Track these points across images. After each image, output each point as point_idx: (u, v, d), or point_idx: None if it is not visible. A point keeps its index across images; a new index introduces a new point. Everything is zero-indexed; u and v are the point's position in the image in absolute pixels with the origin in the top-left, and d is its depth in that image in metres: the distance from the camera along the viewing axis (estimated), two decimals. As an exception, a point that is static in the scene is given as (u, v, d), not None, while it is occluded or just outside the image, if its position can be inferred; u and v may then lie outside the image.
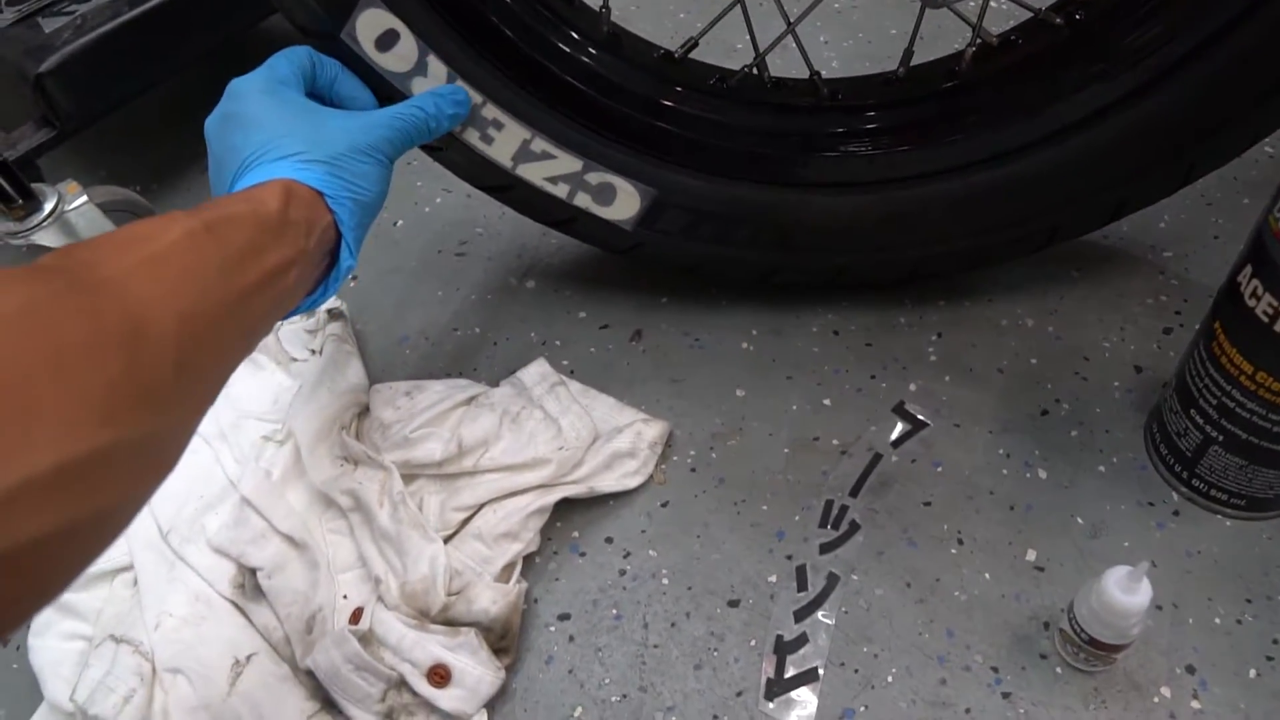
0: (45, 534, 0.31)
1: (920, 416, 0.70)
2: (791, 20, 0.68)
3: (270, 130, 0.54)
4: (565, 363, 0.74)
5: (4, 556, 0.29)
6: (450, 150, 0.66)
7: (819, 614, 0.61)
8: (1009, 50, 0.68)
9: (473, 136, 0.65)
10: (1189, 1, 0.60)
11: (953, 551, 0.63)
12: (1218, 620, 0.59)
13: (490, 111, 0.64)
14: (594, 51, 0.68)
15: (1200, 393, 0.60)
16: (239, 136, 0.54)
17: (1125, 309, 0.76)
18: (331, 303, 0.78)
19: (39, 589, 0.33)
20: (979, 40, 0.68)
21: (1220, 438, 0.60)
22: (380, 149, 0.57)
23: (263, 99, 0.55)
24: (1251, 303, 0.55)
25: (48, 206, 0.76)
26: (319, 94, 0.61)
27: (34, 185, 0.76)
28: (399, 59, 0.62)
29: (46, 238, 0.76)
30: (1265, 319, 0.54)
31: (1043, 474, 0.67)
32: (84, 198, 0.77)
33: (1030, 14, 0.67)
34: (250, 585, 0.62)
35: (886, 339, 0.75)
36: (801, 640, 0.60)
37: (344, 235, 0.54)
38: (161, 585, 0.63)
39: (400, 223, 0.88)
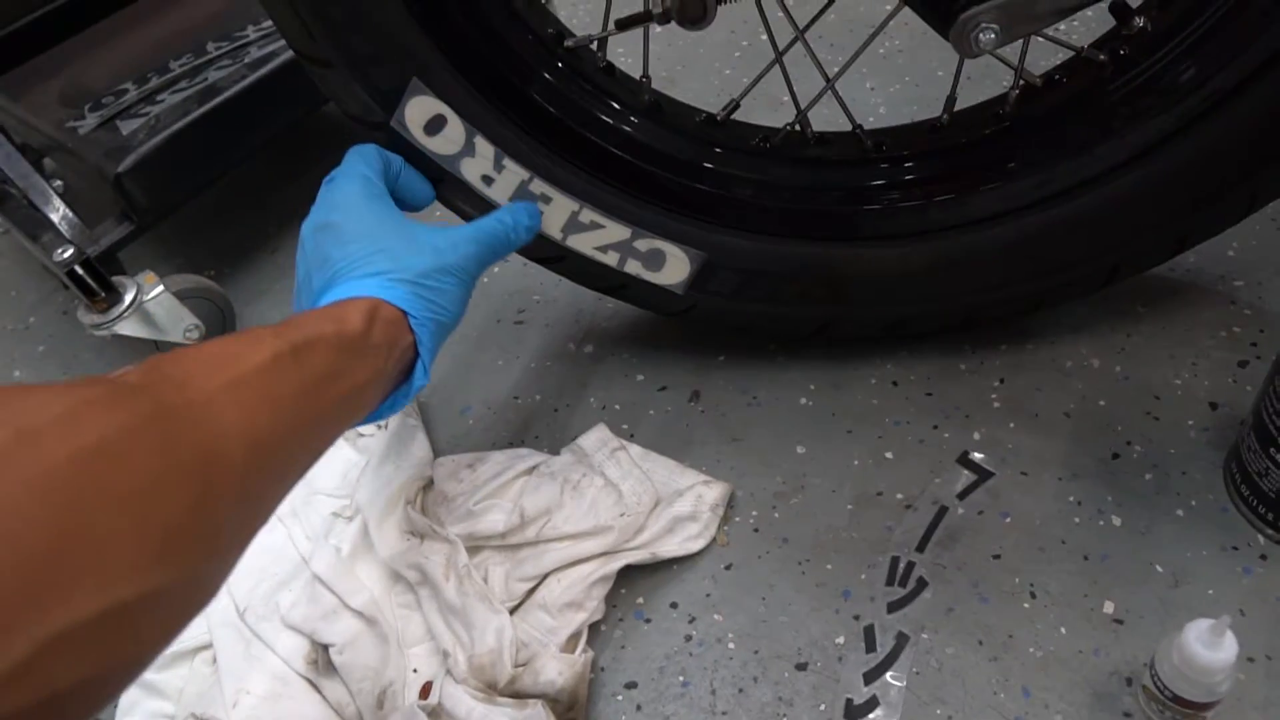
0: (81, 682, 0.30)
1: (986, 466, 0.68)
2: (830, 77, 0.68)
3: (363, 244, 0.55)
4: (625, 426, 0.75)
5: (35, 706, 0.28)
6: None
7: (889, 675, 0.60)
8: (1054, 89, 0.68)
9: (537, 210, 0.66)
10: (1234, 31, 0.59)
11: (1025, 605, 0.61)
12: (1315, 671, 0.57)
13: (538, 186, 0.65)
14: (636, 120, 0.69)
15: (1279, 430, 0.58)
16: (333, 247, 0.56)
17: (1196, 343, 0.73)
18: (395, 377, 0.80)
19: None
20: (1022, 81, 0.67)
21: (1304, 478, 0.58)
22: (465, 268, 0.58)
23: (358, 212, 0.57)
24: (1325, 338, 0.53)
25: (128, 298, 0.79)
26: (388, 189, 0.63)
27: (114, 278, 0.80)
28: (447, 142, 0.64)
29: (127, 328, 0.80)
30: (1341, 355, 0.52)
31: (1117, 521, 0.65)
32: (160, 287, 0.81)
33: (1073, 52, 0.66)
34: (324, 661, 0.64)
35: (948, 387, 0.74)
36: (872, 704, 0.59)
37: (421, 355, 0.55)
38: (239, 663, 0.64)
39: (460, 293, 0.90)
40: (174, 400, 0.37)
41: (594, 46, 0.69)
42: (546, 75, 0.67)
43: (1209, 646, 0.50)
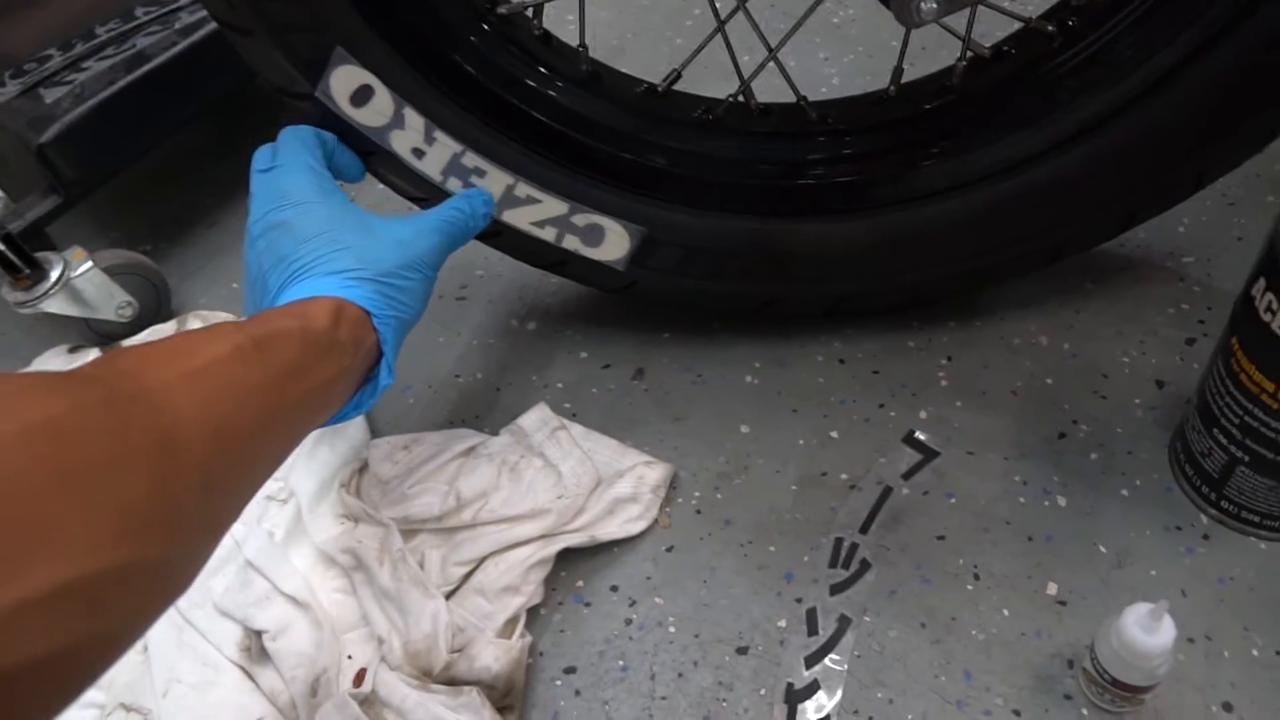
0: (40, 657, 0.29)
1: (931, 445, 0.67)
2: (772, 46, 0.66)
3: (321, 241, 0.54)
4: (567, 405, 0.73)
5: (4, 674, 0.28)
6: (435, 199, 0.65)
7: (830, 659, 0.59)
8: (1002, 61, 0.66)
9: (455, 185, 0.64)
10: (1181, 5, 0.58)
11: (969, 587, 0.61)
12: (1255, 652, 0.56)
13: (471, 160, 0.63)
14: (574, 91, 0.67)
15: (1222, 412, 0.58)
16: (289, 245, 0.54)
17: (1145, 320, 0.73)
18: (333, 355, 0.78)
19: (31, 713, 0.31)
20: (970, 53, 0.66)
21: (1246, 458, 0.57)
22: (428, 262, 0.57)
23: (312, 206, 0.55)
24: (1267, 317, 0.52)
25: (54, 274, 0.77)
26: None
27: (40, 254, 0.77)
28: (375, 113, 0.61)
29: (55, 305, 0.78)
30: (1283, 334, 0.51)
31: (1062, 501, 0.64)
32: (89, 263, 0.78)
33: (1021, 23, 0.65)
34: (256, 648, 0.62)
35: (894, 365, 0.73)
36: (813, 687, 0.58)
37: (385, 355, 0.55)
38: (170, 651, 0.63)
39: (403, 268, 0.88)
40: (128, 387, 0.37)
41: (529, 13, 0.66)
42: (478, 43, 0.64)
43: (1147, 630, 0.50)
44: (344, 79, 0.60)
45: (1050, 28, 0.63)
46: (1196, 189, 0.63)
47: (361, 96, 0.61)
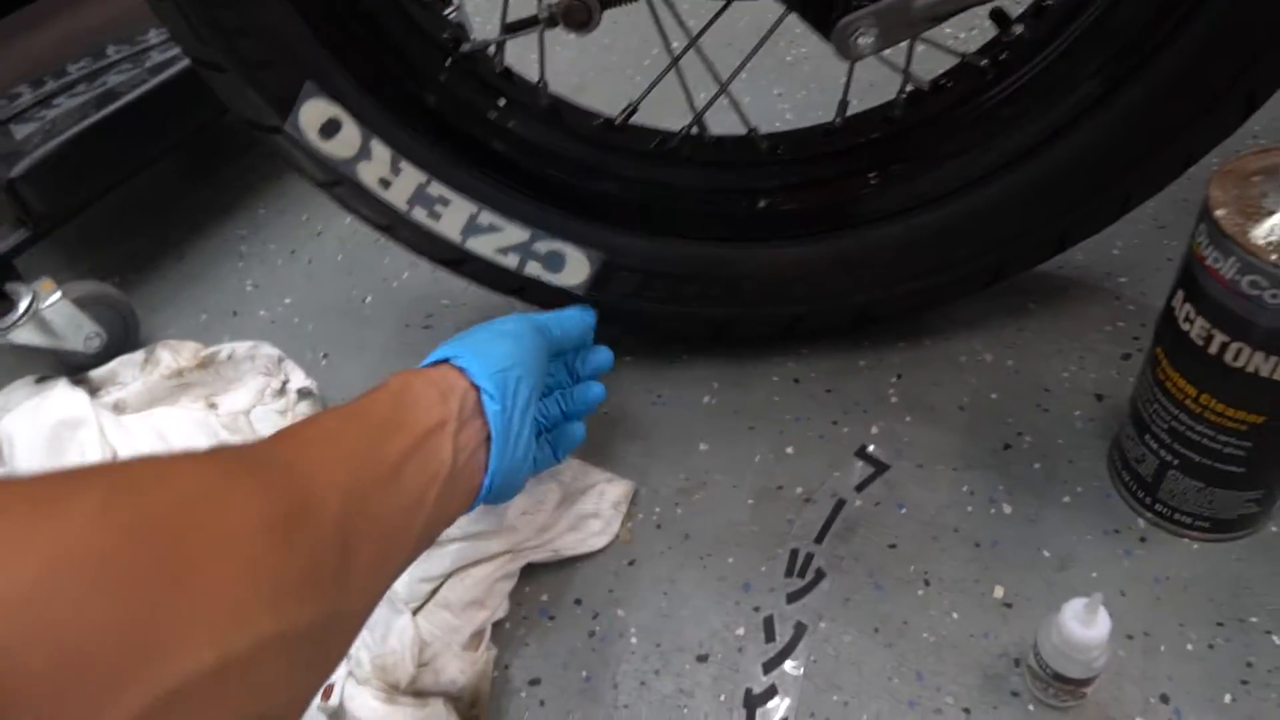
0: None
1: (883, 459, 0.70)
2: (723, 80, 0.69)
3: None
4: (531, 427, 0.75)
5: None
6: (399, 228, 0.67)
7: (787, 664, 0.61)
8: (940, 94, 0.70)
9: (420, 214, 0.66)
10: (1102, 38, 0.62)
11: (920, 593, 0.63)
12: (1190, 646, 0.59)
13: (436, 189, 0.66)
14: (534, 124, 0.70)
15: (1152, 418, 0.61)
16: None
17: (1083, 338, 0.76)
18: (301, 381, 0.79)
19: None
20: (910, 86, 0.69)
21: (1176, 461, 0.60)
22: (523, 333, 0.59)
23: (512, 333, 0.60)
24: (1186, 327, 0.55)
25: (22, 305, 0.78)
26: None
27: (8, 285, 0.78)
28: (343, 145, 0.64)
29: (23, 336, 0.79)
30: (1200, 343, 0.54)
31: (1008, 509, 0.67)
32: (58, 294, 0.80)
33: (957, 58, 0.69)
34: (224, 669, 0.63)
35: (847, 383, 0.76)
36: (770, 692, 0.60)
37: (481, 385, 0.54)
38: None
39: (369, 299, 0.90)
40: (261, 456, 0.38)
41: (490, 51, 0.69)
42: (442, 79, 0.67)
43: (1084, 624, 0.52)
44: (313, 112, 0.63)
45: (984, 62, 0.67)
46: (1123, 212, 0.67)
47: (330, 129, 0.63)
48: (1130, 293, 0.79)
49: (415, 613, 0.63)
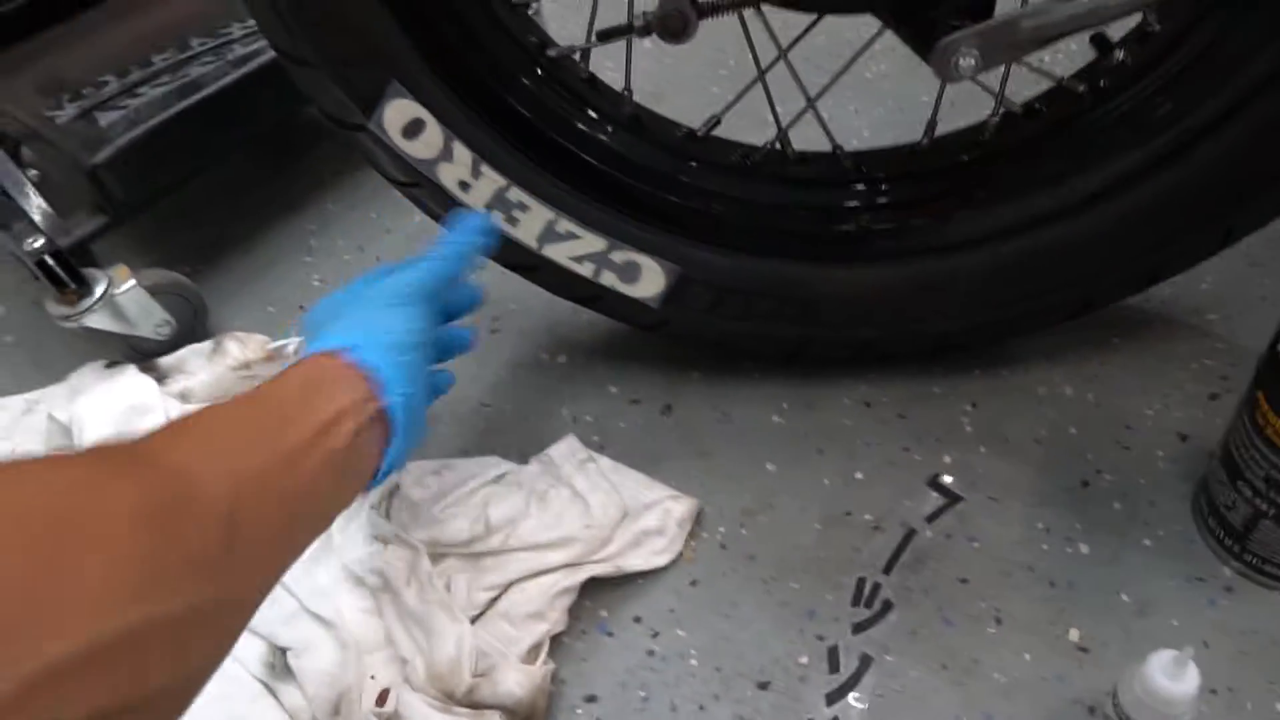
0: (85, 718, 0.29)
1: (955, 490, 0.68)
2: (811, 96, 0.68)
3: (322, 331, 0.55)
4: (595, 438, 0.74)
5: None
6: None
7: (851, 697, 0.59)
8: (1033, 118, 0.68)
9: (497, 218, 0.66)
10: (1207, 70, 0.59)
11: (991, 631, 0.61)
12: (1279, 706, 0.56)
13: (515, 194, 0.65)
14: (617, 132, 0.69)
15: (1246, 464, 0.58)
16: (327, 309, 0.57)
17: (1168, 375, 0.74)
18: (366, 381, 0.79)
19: None
20: (1002, 109, 0.68)
21: (1271, 511, 0.58)
22: (406, 297, 0.56)
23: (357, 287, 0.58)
24: (1293, 373, 0.53)
25: (98, 290, 0.78)
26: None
27: (85, 270, 0.79)
28: (425, 146, 0.63)
29: (97, 321, 0.79)
30: (1308, 389, 0.52)
31: (1085, 549, 0.65)
32: (132, 281, 0.80)
33: (1053, 82, 0.67)
34: (280, 665, 0.63)
35: (920, 410, 0.74)
36: (833, 725, 0.58)
37: (384, 374, 0.52)
38: (194, 665, 0.63)
39: (436, 299, 0.89)
40: (144, 453, 0.38)
41: (576, 57, 0.69)
42: (528, 84, 0.66)
43: (1172, 678, 0.50)
44: (397, 112, 0.62)
45: (1081, 88, 0.65)
46: (1223, 247, 0.65)
47: (413, 129, 0.63)
48: (1219, 330, 0.76)
49: (473, 622, 0.62)
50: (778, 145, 0.70)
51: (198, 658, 0.36)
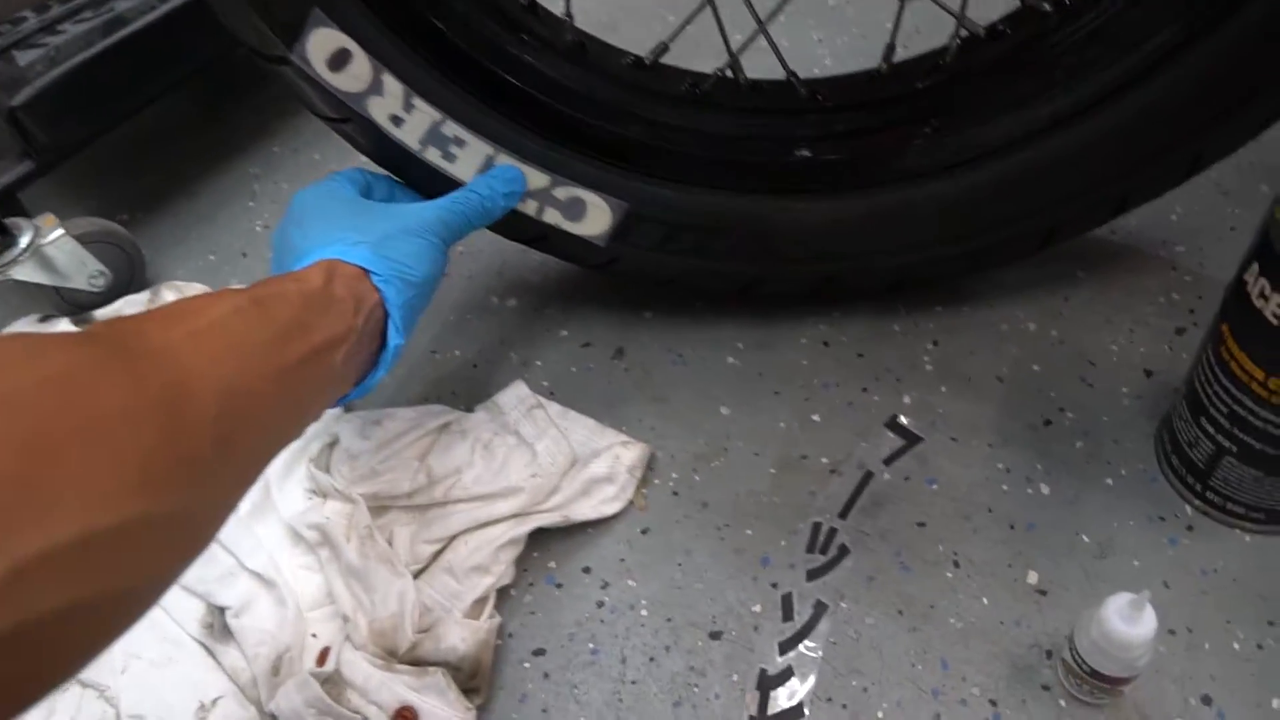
0: (62, 609, 0.29)
1: (914, 431, 0.66)
2: (762, 19, 0.64)
3: (324, 224, 0.57)
4: (545, 383, 0.72)
5: (14, 632, 0.27)
6: (412, 169, 0.63)
7: (805, 645, 0.58)
8: (997, 40, 0.65)
9: (434, 155, 0.62)
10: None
11: (948, 575, 0.60)
12: (1236, 645, 0.55)
13: (450, 129, 0.62)
14: (558, 61, 0.65)
15: (1211, 400, 0.56)
16: (296, 235, 0.57)
17: (1134, 309, 0.71)
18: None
19: (52, 668, 0.31)
20: (964, 31, 0.64)
21: (1234, 448, 0.56)
22: (430, 230, 0.58)
23: (319, 202, 0.59)
24: (1260, 304, 0.51)
25: (23, 241, 0.75)
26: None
27: (9, 220, 0.75)
28: (352, 79, 0.60)
29: (24, 273, 0.76)
30: (1276, 321, 0.50)
31: (1045, 489, 0.63)
32: (60, 230, 0.77)
33: (1018, 2, 0.63)
34: (219, 625, 0.61)
35: (879, 349, 0.72)
36: (786, 674, 0.57)
37: (390, 313, 0.54)
38: (131, 626, 0.61)
39: (384, 243, 0.86)
40: (136, 345, 0.37)
41: (514, -21, 0.65)
42: (460, 9, 0.62)
43: (1128, 621, 0.49)
44: (321, 42, 0.58)
45: (1047, 6, 0.62)
46: (1194, 173, 0.62)
47: (339, 60, 0.59)
48: (1187, 262, 0.74)
49: (416, 576, 0.60)
50: (728, 73, 0.67)
51: (180, 553, 0.37)
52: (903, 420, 0.66)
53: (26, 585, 0.28)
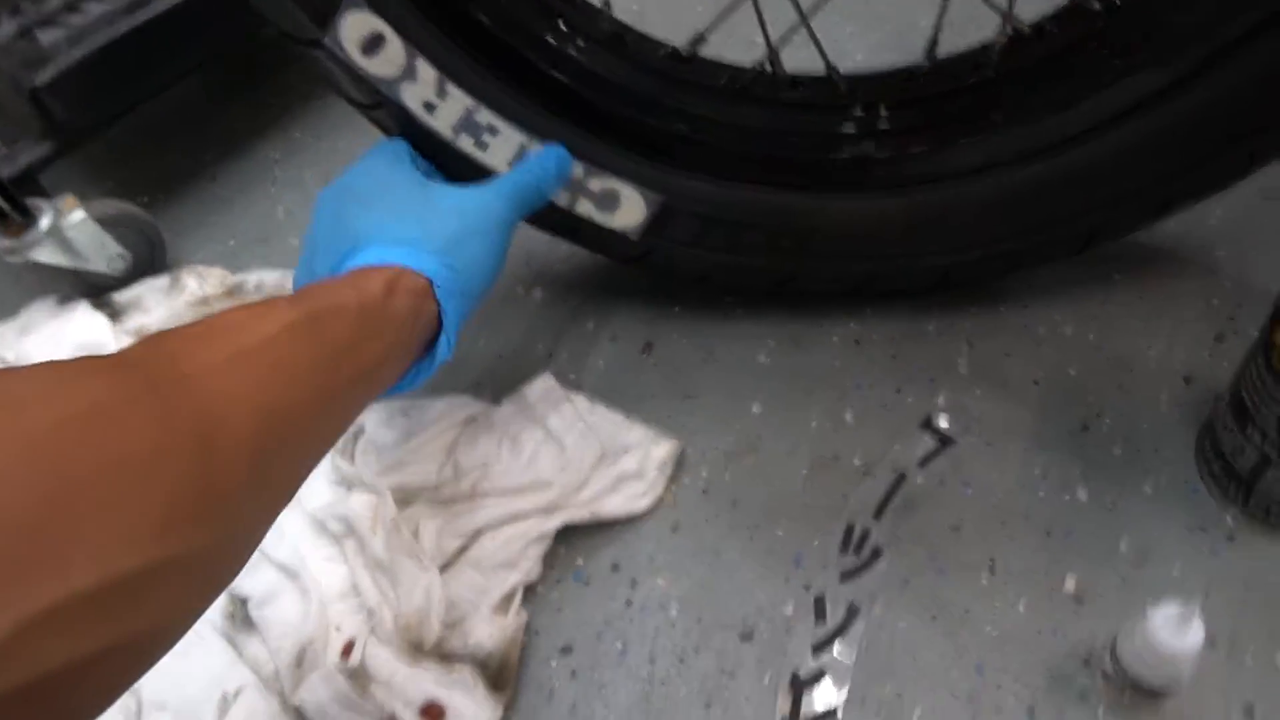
0: (84, 656, 0.28)
1: (949, 433, 0.65)
2: (804, 11, 0.63)
3: (386, 210, 0.54)
4: (572, 377, 0.71)
5: (30, 685, 0.27)
6: (444, 158, 0.62)
7: (837, 647, 0.57)
8: (1043, 39, 0.63)
9: (466, 143, 0.61)
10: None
11: (984, 581, 0.59)
12: (1279, 658, 0.54)
13: (484, 116, 0.61)
14: (594, 51, 0.64)
15: (1258, 408, 0.55)
16: (355, 211, 0.55)
17: (1173, 314, 0.70)
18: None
19: (75, 712, 0.30)
20: (1010, 30, 0.63)
21: (1280, 457, 0.55)
22: (495, 229, 0.56)
23: (383, 175, 0.57)
24: (1313, 311, 0.50)
25: (44, 223, 0.74)
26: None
27: (30, 201, 0.75)
28: (387, 64, 0.59)
29: (44, 255, 0.75)
30: (1329, 329, 0.49)
31: (1083, 495, 0.62)
32: (81, 212, 0.76)
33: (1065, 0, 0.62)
34: (241, 615, 0.60)
35: (914, 349, 0.70)
36: (818, 676, 0.56)
37: (445, 327, 0.53)
38: (151, 615, 0.60)
39: (407, 232, 0.85)
40: (171, 372, 0.36)
41: (552, -33, 0.63)
42: (498, -5, 0.61)
43: (1175, 633, 0.48)
44: (355, 26, 0.57)
45: (1096, 5, 0.61)
46: (1244, 175, 0.60)
47: (372, 45, 0.58)
48: (1229, 268, 0.73)
49: (442, 570, 0.59)
50: (767, 66, 0.66)
51: (208, 589, 0.36)
52: (937, 422, 0.66)
53: (39, 640, 0.27)
